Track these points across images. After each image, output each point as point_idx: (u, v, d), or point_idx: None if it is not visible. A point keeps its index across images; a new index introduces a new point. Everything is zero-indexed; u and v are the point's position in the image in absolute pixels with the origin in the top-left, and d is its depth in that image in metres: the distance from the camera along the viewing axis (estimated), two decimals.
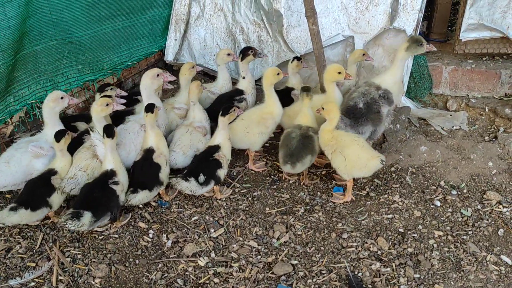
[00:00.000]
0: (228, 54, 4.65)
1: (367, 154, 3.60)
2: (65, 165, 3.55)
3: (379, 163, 3.59)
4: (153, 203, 3.73)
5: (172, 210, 3.67)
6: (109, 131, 3.44)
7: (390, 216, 3.57)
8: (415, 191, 3.84)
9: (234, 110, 3.81)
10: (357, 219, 3.56)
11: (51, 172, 3.48)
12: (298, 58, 4.60)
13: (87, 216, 3.18)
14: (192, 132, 4.02)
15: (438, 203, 3.69)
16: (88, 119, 4.09)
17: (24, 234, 3.41)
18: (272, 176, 4.10)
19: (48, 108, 3.75)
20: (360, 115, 3.89)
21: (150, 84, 3.91)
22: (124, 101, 4.08)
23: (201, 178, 3.60)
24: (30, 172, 3.57)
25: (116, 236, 3.39)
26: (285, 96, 4.49)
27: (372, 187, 3.90)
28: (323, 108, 3.71)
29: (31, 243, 3.33)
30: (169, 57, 5.51)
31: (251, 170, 4.20)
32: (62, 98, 3.80)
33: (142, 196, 3.54)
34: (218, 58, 4.69)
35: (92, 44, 4.59)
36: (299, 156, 3.74)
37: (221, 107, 3.85)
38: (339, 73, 3.96)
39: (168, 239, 3.37)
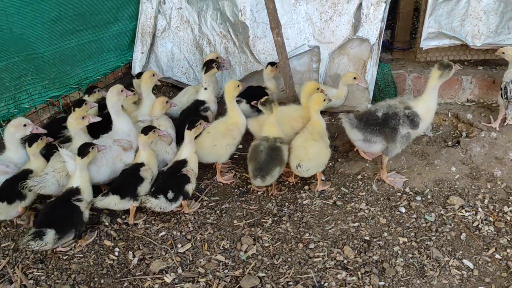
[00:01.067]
0: (217, 58, 4.71)
1: (295, 153, 3.81)
2: (38, 167, 3.66)
3: (295, 166, 3.82)
4: (119, 220, 3.69)
5: (139, 226, 3.64)
6: (80, 151, 3.43)
7: (356, 224, 3.62)
8: (381, 198, 3.90)
9: (200, 124, 3.82)
10: (324, 228, 3.59)
11: (27, 171, 3.60)
12: (272, 63, 4.67)
13: (50, 234, 3.14)
14: (157, 142, 4.03)
15: (403, 210, 3.75)
16: None
17: None
18: (241, 188, 4.10)
19: (9, 133, 3.77)
20: (374, 123, 3.79)
21: (116, 100, 3.90)
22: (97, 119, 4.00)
23: (170, 194, 3.57)
24: None
25: (81, 255, 3.34)
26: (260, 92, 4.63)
27: (339, 196, 3.95)
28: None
29: None
30: (136, 70, 5.47)
31: (220, 182, 4.20)
32: (25, 125, 3.78)
33: (109, 200, 3.49)
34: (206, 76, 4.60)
35: (56, 60, 4.54)
36: (268, 169, 3.76)
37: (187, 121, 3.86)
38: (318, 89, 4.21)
39: (134, 256, 3.33)
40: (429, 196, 3.90)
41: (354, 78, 4.53)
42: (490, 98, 5.04)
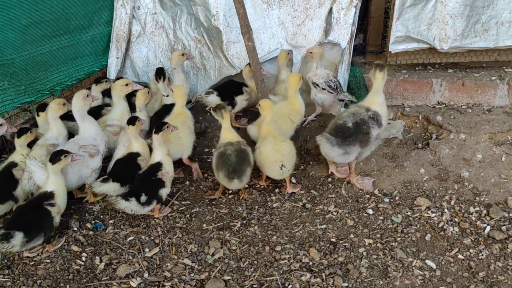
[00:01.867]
0: (182, 55, 4.80)
1: (273, 157, 3.83)
2: (23, 158, 3.73)
3: (279, 168, 3.82)
4: (88, 225, 3.70)
5: (107, 231, 3.65)
6: (51, 157, 3.44)
7: (324, 226, 3.66)
8: (350, 201, 3.95)
9: (167, 127, 3.85)
10: (292, 231, 3.63)
11: (12, 165, 3.73)
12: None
13: (18, 237, 3.15)
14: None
15: (371, 211, 3.80)
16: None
17: None
18: (212, 193, 4.12)
19: None
20: (348, 135, 3.82)
21: (83, 105, 3.92)
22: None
23: (143, 198, 3.59)
24: None
25: (48, 261, 3.34)
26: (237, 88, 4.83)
27: (308, 199, 3.99)
28: (259, 105, 4.05)
29: None
30: (111, 75, 5.48)
31: (191, 187, 4.23)
32: (1, 125, 3.93)
33: (108, 187, 3.66)
34: (173, 61, 4.79)
35: (28, 66, 4.53)
36: (242, 170, 3.80)
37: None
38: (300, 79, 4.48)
39: (101, 261, 3.34)
40: (397, 198, 3.96)
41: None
42: (460, 100, 5.12)
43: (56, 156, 3.46)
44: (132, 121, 3.91)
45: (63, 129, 4.08)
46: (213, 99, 4.68)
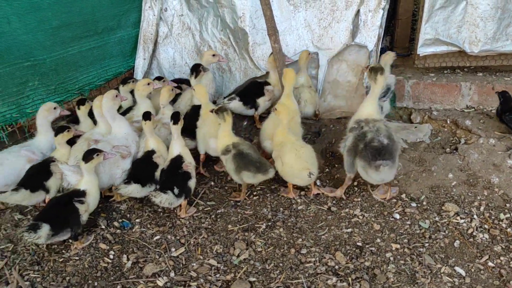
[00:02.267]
0: (214, 55, 4.80)
1: (299, 165, 3.77)
2: (62, 156, 3.87)
3: (307, 176, 3.76)
4: (116, 224, 3.75)
5: (134, 230, 3.69)
6: (84, 156, 3.51)
7: (349, 230, 3.63)
8: (376, 205, 3.91)
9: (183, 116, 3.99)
10: (317, 234, 3.60)
11: (50, 160, 3.84)
12: None
13: (45, 229, 3.23)
14: (161, 128, 4.25)
15: (397, 216, 3.75)
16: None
17: None
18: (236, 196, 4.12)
19: (42, 116, 4.04)
20: (391, 151, 3.65)
21: (112, 105, 3.98)
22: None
23: (176, 190, 3.68)
24: (21, 175, 3.77)
25: (77, 258, 3.39)
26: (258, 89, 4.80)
27: (334, 202, 3.96)
28: (275, 109, 3.97)
29: None
30: (138, 76, 5.55)
31: (215, 188, 4.25)
32: (55, 108, 4.11)
33: (132, 188, 3.70)
34: (203, 60, 4.81)
35: (58, 66, 4.63)
36: (266, 161, 3.94)
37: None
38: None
39: (128, 259, 3.38)
40: (424, 203, 3.90)
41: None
42: (490, 104, 5.02)
43: (89, 155, 3.52)
44: (147, 116, 3.93)
45: (110, 126, 4.13)
46: (236, 105, 4.68)
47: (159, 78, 4.84)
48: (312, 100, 4.84)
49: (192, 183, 3.82)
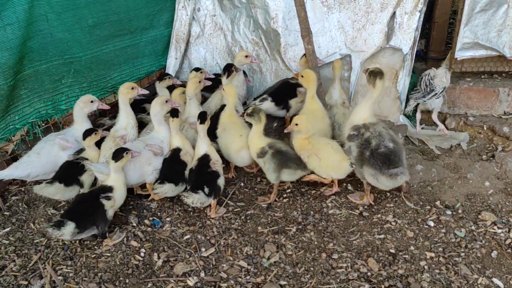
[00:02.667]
0: (246, 56, 4.78)
1: (338, 156, 3.80)
2: (93, 157, 3.93)
3: (348, 165, 3.76)
4: (147, 222, 3.77)
5: (165, 228, 3.70)
6: (114, 155, 3.56)
7: (382, 236, 3.56)
8: (409, 211, 3.82)
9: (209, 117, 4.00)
10: (349, 239, 3.55)
11: (83, 159, 3.89)
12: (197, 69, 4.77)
13: (69, 227, 3.27)
14: (188, 129, 4.21)
15: (432, 224, 3.66)
16: None
17: (19, 252, 3.47)
18: (265, 199, 4.08)
19: (78, 108, 4.14)
20: (399, 153, 3.62)
21: (160, 110, 4.01)
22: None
23: (206, 189, 3.70)
24: (58, 163, 3.88)
25: (108, 254, 3.42)
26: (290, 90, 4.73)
27: (365, 207, 3.89)
28: (296, 124, 3.84)
29: (26, 261, 3.38)
30: None
31: (245, 189, 4.23)
32: (92, 101, 4.17)
33: (167, 188, 3.72)
34: (236, 61, 4.80)
35: (93, 64, 4.69)
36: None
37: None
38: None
39: (159, 258, 3.39)
40: (460, 211, 3.80)
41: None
42: None
43: (118, 154, 3.56)
44: (175, 113, 3.96)
45: (132, 118, 4.18)
46: (268, 106, 4.62)
47: (197, 69, 4.86)
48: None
49: (221, 181, 3.84)
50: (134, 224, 3.72)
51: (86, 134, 3.93)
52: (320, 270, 3.25)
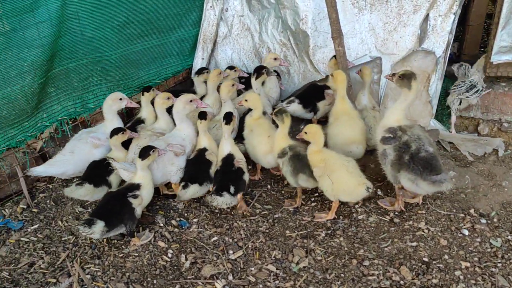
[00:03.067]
0: (275, 59, 4.73)
1: (354, 181, 3.54)
2: (119, 158, 3.89)
3: (365, 191, 3.52)
4: (174, 222, 3.74)
5: (192, 229, 3.66)
6: (141, 153, 3.55)
7: (414, 244, 3.46)
8: (442, 219, 3.71)
9: (235, 117, 4.01)
10: (380, 245, 3.45)
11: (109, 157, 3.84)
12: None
13: (99, 225, 3.26)
14: (219, 128, 4.21)
15: (466, 232, 3.55)
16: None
17: (47, 249, 3.48)
18: (292, 203, 4.01)
19: (107, 106, 4.15)
20: (437, 158, 3.49)
21: (182, 108, 4.01)
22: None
23: (232, 189, 3.69)
24: (90, 161, 3.93)
25: (136, 254, 3.40)
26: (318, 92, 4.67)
27: (396, 213, 3.79)
28: (305, 132, 3.70)
29: (54, 258, 3.38)
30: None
31: (272, 191, 4.17)
32: (121, 99, 4.18)
33: (192, 191, 3.72)
34: (265, 63, 4.77)
35: (122, 63, 4.69)
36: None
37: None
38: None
39: (186, 259, 3.36)
40: (495, 220, 3.67)
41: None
42: None
43: (145, 152, 3.55)
44: (203, 115, 3.96)
45: (170, 122, 4.27)
46: (296, 108, 4.57)
47: (231, 68, 4.87)
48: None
49: (246, 177, 3.85)
50: (161, 225, 3.70)
51: (113, 133, 3.93)
52: (351, 277, 3.17)
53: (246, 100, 4.17)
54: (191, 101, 3.99)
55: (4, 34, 3.54)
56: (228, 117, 3.89)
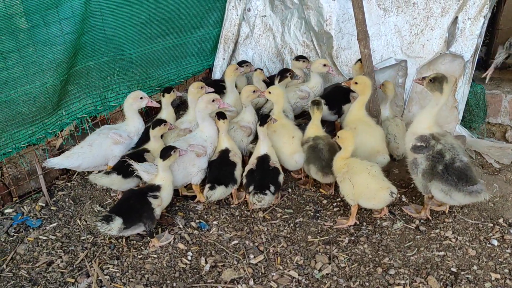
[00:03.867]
0: (324, 65, 4.66)
1: (377, 185, 3.41)
2: (155, 149, 3.89)
3: (389, 195, 3.37)
4: (193, 224, 3.67)
5: (212, 232, 3.59)
6: (162, 153, 3.51)
7: (441, 253, 3.34)
8: (470, 228, 3.58)
9: (270, 119, 3.91)
10: (406, 254, 3.34)
11: (145, 150, 3.93)
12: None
13: (117, 222, 3.22)
14: (237, 130, 4.23)
15: (496, 242, 3.42)
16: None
17: (65, 248, 3.43)
18: (315, 207, 3.92)
19: (128, 104, 4.12)
20: (472, 168, 3.37)
21: (204, 108, 3.94)
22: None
23: (272, 188, 3.66)
24: (109, 156, 3.92)
25: (155, 256, 3.34)
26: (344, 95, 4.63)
27: (422, 221, 3.67)
28: (338, 136, 3.69)
29: (72, 258, 3.34)
30: (216, 76, 5.51)
31: (293, 195, 4.08)
32: (141, 98, 4.14)
33: (219, 192, 3.69)
34: (313, 67, 4.71)
35: (142, 62, 4.65)
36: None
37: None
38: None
39: (206, 262, 3.28)
40: None
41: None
42: None
43: (166, 152, 3.50)
44: (222, 115, 3.95)
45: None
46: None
47: (240, 64, 4.89)
48: (402, 133, 4.20)
49: (281, 178, 3.82)
50: (181, 226, 3.63)
51: (156, 124, 3.95)
52: (376, 286, 3.06)
53: (270, 93, 4.16)
54: (213, 100, 3.93)
55: (27, 30, 3.52)
56: (263, 119, 3.86)
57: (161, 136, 4.05)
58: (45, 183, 4.02)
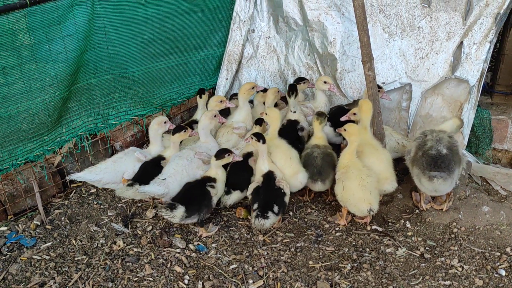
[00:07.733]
0: (325, 82, 4.66)
1: (362, 195, 3.56)
2: (170, 156, 4.01)
3: (367, 210, 3.56)
4: (191, 246, 3.57)
5: (210, 255, 3.49)
6: (217, 153, 3.78)
7: (447, 282, 3.22)
8: (476, 256, 3.47)
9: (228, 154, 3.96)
10: (410, 283, 3.22)
11: (161, 157, 4.05)
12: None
13: (180, 210, 3.45)
14: (231, 134, 4.45)
15: (503, 272, 3.30)
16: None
17: (59, 269, 3.33)
18: (317, 231, 3.82)
19: (154, 130, 4.26)
20: (449, 161, 3.57)
21: (208, 124, 4.14)
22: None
23: (276, 208, 3.59)
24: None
25: (151, 279, 3.23)
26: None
27: (427, 248, 3.57)
28: (344, 130, 3.86)
29: (65, 279, 3.23)
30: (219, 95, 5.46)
31: (294, 218, 3.99)
32: (165, 122, 4.27)
33: (235, 197, 3.87)
34: (316, 84, 4.74)
35: (145, 80, 4.62)
36: (327, 173, 3.92)
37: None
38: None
39: (204, 287, 3.17)
40: None
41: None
42: None
43: (220, 154, 3.79)
44: (259, 121, 4.25)
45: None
46: (327, 130, 4.43)
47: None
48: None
49: (287, 199, 3.76)
50: (180, 248, 3.53)
51: (176, 130, 4.08)
52: None
53: (266, 114, 4.15)
54: (215, 116, 4.16)
55: (30, 46, 3.49)
56: (260, 136, 3.83)
57: (180, 143, 4.16)
58: (42, 201, 3.93)
